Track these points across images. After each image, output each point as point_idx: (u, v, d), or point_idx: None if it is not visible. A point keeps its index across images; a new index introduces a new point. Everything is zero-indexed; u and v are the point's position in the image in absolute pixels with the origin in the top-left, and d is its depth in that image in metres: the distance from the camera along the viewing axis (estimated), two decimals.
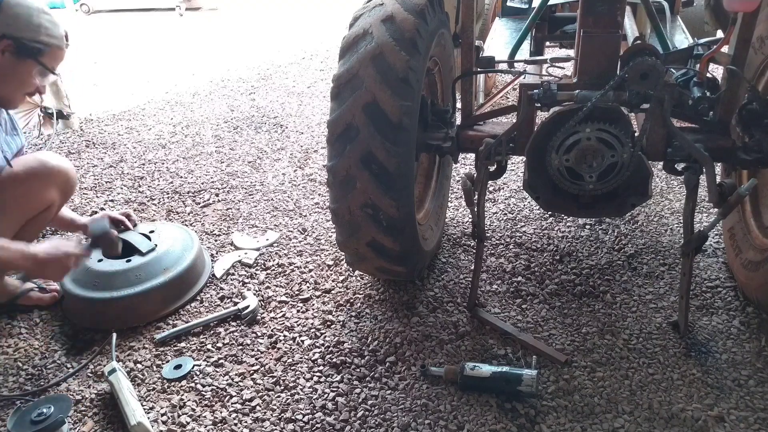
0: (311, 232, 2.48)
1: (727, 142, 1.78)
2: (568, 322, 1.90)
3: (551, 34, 2.88)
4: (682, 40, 2.41)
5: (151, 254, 2.07)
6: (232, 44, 5.71)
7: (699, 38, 2.36)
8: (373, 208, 1.68)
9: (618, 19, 1.70)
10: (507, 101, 3.55)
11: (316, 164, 3.10)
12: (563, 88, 1.76)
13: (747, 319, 1.86)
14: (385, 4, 1.70)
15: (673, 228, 2.36)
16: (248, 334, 1.92)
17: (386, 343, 1.85)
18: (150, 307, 2.00)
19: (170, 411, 1.65)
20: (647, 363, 1.72)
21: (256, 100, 4.12)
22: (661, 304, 1.95)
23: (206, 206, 2.74)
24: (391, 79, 1.60)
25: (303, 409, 1.63)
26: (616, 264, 2.17)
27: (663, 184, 2.69)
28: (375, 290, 2.10)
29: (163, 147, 3.41)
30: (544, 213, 2.51)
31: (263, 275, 2.22)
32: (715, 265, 2.13)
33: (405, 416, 1.59)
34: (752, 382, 1.64)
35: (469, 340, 1.84)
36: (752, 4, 1.54)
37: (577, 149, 1.66)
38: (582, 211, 1.83)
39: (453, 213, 2.57)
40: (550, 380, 1.67)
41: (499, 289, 2.07)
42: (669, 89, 1.64)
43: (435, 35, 1.81)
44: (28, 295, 2.07)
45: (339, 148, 1.66)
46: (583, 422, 1.55)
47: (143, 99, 4.24)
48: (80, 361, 1.84)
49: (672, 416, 1.55)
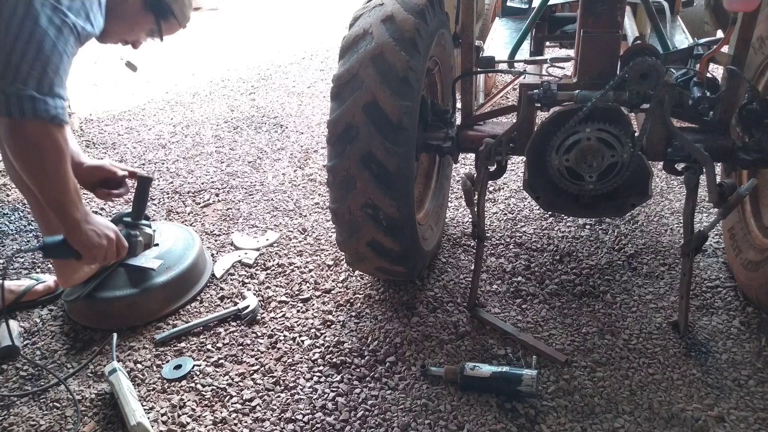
0: (311, 232, 2.48)
1: (727, 142, 1.78)
2: (568, 322, 1.90)
3: (551, 34, 2.88)
4: (682, 40, 2.41)
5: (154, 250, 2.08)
6: (232, 44, 5.71)
7: (699, 38, 2.37)
8: (373, 208, 1.68)
9: (618, 19, 1.70)
10: (507, 101, 3.55)
11: (316, 164, 3.10)
12: (563, 88, 1.76)
13: (747, 319, 1.86)
14: (385, 4, 1.70)
15: (673, 228, 2.36)
16: (248, 334, 1.92)
17: (386, 343, 1.85)
18: (152, 305, 2.00)
19: (170, 411, 1.65)
20: (647, 363, 1.72)
21: (256, 100, 4.12)
22: (661, 304, 1.96)
23: (206, 206, 2.74)
24: (391, 79, 1.60)
25: (303, 409, 1.63)
26: (616, 264, 2.17)
27: (663, 184, 2.69)
28: (375, 290, 2.10)
29: (163, 147, 3.41)
30: (544, 213, 2.51)
31: (263, 275, 2.22)
32: (715, 265, 2.13)
33: (405, 416, 1.59)
34: (752, 382, 1.64)
35: (469, 340, 1.84)
36: (752, 4, 1.54)
37: (577, 149, 1.66)
38: (582, 211, 1.83)
39: (453, 213, 2.57)
40: (550, 380, 1.67)
41: (499, 289, 2.07)
42: (669, 89, 1.64)
43: (435, 35, 1.81)
44: (32, 290, 2.07)
45: (339, 148, 1.66)
46: (583, 422, 1.55)
47: (143, 99, 4.24)
48: (80, 361, 1.84)
49: (672, 416, 1.55)
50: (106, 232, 1.73)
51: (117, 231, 1.78)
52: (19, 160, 1.53)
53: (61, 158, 1.55)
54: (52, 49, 1.45)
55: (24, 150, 1.50)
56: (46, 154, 1.51)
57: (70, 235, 1.66)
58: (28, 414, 1.66)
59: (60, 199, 1.59)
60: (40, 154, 1.51)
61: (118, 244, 1.77)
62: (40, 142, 1.49)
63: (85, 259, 1.73)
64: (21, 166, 1.54)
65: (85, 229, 1.66)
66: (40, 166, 1.53)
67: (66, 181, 1.58)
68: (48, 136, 1.49)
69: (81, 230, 1.65)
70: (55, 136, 1.50)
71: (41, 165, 1.52)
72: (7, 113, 1.43)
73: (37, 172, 1.54)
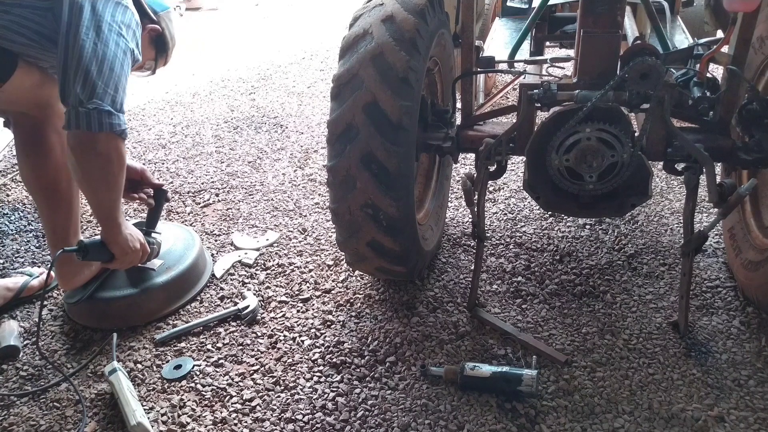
0: (311, 232, 2.48)
1: (727, 142, 1.78)
2: (568, 322, 1.90)
3: (551, 34, 2.88)
4: (682, 40, 2.41)
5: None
6: (232, 44, 5.70)
7: (699, 38, 2.36)
8: (373, 208, 1.68)
9: (618, 19, 1.70)
10: (507, 101, 3.55)
11: (316, 164, 3.10)
12: (563, 88, 1.75)
13: (747, 319, 1.86)
14: (385, 4, 1.70)
15: (673, 228, 2.36)
16: (248, 334, 1.92)
17: (386, 343, 1.85)
18: (152, 306, 2.00)
19: (170, 411, 1.65)
20: (647, 363, 1.72)
21: (256, 100, 4.12)
22: (661, 304, 1.96)
23: (206, 206, 2.74)
24: (391, 79, 1.60)
25: (303, 409, 1.63)
26: (616, 264, 2.17)
27: (663, 184, 2.69)
28: (375, 290, 2.10)
29: (163, 147, 3.41)
30: (544, 213, 2.51)
31: (263, 275, 2.22)
32: (715, 265, 2.13)
33: (405, 416, 1.59)
34: (752, 382, 1.64)
35: (469, 340, 1.84)
36: (752, 4, 1.54)
37: (577, 149, 1.66)
38: (582, 211, 1.83)
39: (453, 213, 2.57)
40: (550, 380, 1.67)
41: (499, 289, 2.07)
42: (669, 89, 1.64)
43: (435, 35, 1.81)
44: (28, 286, 2.10)
45: (339, 148, 1.66)
46: (583, 422, 1.55)
47: (143, 99, 4.23)
48: (80, 361, 1.84)
49: (672, 416, 1.55)
50: (139, 238, 1.89)
51: (143, 237, 1.93)
52: (85, 169, 1.65)
53: (123, 168, 1.72)
54: (120, 70, 1.64)
55: (93, 160, 1.63)
56: (112, 164, 1.66)
57: (111, 238, 1.78)
58: (28, 414, 1.66)
59: (111, 206, 1.73)
60: (107, 164, 1.65)
61: (143, 249, 1.91)
62: (110, 153, 1.63)
63: (117, 261, 1.84)
64: (84, 175, 1.66)
65: (125, 234, 1.81)
66: (105, 175, 1.67)
67: (121, 189, 1.74)
68: (116, 148, 1.65)
69: (122, 234, 1.79)
70: (122, 148, 1.68)
71: (105, 174, 1.67)
72: (86, 126, 1.57)
73: (100, 180, 1.67)
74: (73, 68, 1.57)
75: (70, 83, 1.58)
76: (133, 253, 1.85)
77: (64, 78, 1.59)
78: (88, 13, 1.60)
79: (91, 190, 1.70)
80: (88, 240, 1.79)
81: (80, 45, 1.57)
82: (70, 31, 1.59)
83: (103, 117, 1.58)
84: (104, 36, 1.61)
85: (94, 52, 1.58)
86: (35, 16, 1.63)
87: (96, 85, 1.58)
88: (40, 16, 1.63)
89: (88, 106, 1.56)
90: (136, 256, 1.88)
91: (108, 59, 1.61)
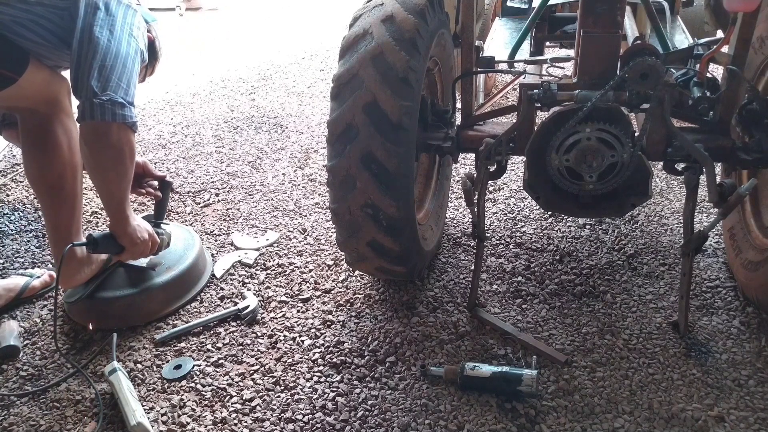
0: (311, 232, 2.48)
1: (727, 142, 1.78)
2: (568, 322, 1.90)
3: (551, 34, 2.88)
4: (682, 40, 2.41)
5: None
6: (232, 44, 5.70)
7: (699, 38, 2.37)
8: (373, 208, 1.68)
9: (618, 19, 1.70)
10: (507, 101, 3.55)
11: (316, 164, 3.10)
12: (563, 88, 1.75)
13: (747, 319, 1.86)
14: (385, 4, 1.70)
15: (673, 228, 2.36)
16: (248, 334, 1.92)
17: (386, 343, 1.85)
18: (152, 306, 2.00)
19: (170, 411, 1.65)
20: (647, 363, 1.72)
21: (256, 100, 4.12)
22: (661, 304, 1.96)
23: (206, 206, 2.75)
24: (391, 79, 1.60)
25: (303, 409, 1.63)
26: (616, 264, 2.17)
27: (663, 184, 2.69)
28: (375, 290, 2.10)
29: (163, 147, 3.41)
30: (544, 213, 2.51)
31: (263, 275, 2.22)
32: (715, 265, 2.13)
33: (405, 416, 1.59)
34: (752, 382, 1.64)
35: (469, 340, 1.84)
36: (752, 4, 1.54)
37: (577, 149, 1.66)
38: (582, 211, 1.83)
39: (453, 213, 2.57)
40: (550, 380, 1.67)
41: (499, 289, 2.07)
42: (669, 89, 1.64)
43: (435, 35, 1.81)
44: (29, 287, 2.10)
45: (339, 148, 1.66)
46: (583, 422, 1.55)
47: (143, 99, 4.23)
48: (80, 361, 1.84)
49: (672, 416, 1.55)
50: (147, 229, 1.93)
51: (152, 229, 1.96)
52: (98, 159, 1.71)
53: (133, 159, 1.78)
54: (132, 66, 1.73)
55: (105, 150, 1.69)
56: (124, 154, 1.72)
57: (120, 230, 1.82)
58: (28, 414, 1.66)
59: (122, 196, 1.78)
60: (119, 155, 1.71)
61: (152, 240, 1.95)
62: (121, 143, 1.69)
63: (127, 253, 1.88)
64: (96, 165, 1.72)
65: (134, 225, 1.85)
66: (116, 165, 1.72)
67: (130, 180, 1.80)
68: (128, 139, 1.71)
69: (131, 226, 1.84)
70: (132, 140, 1.74)
71: (117, 164, 1.72)
72: (100, 116, 1.63)
73: (111, 170, 1.72)
74: (88, 62, 1.64)
75: (84, 76, 1.64)
76: (142, 244, 1.89)
77: (78, 72, 1.65)
78: (103, 13, 1.69)
79: (102, 179, 1.75)
80: (97, 233, 1.82)
81: (95, 41, 1.65)
82: (85, 28, 1.66)
83: (116, 108, 1.64)
84: (117, 34, 1.70)
85: (108, 48, 1.66)
86: (53, 16, 1.69)
87: (110, 78, 1.65)
88: (58, 15, 1.69)
89: (102, 97, 1.63)
90: (146, 247, 1.91)
91: (121, 56, 1.69)
